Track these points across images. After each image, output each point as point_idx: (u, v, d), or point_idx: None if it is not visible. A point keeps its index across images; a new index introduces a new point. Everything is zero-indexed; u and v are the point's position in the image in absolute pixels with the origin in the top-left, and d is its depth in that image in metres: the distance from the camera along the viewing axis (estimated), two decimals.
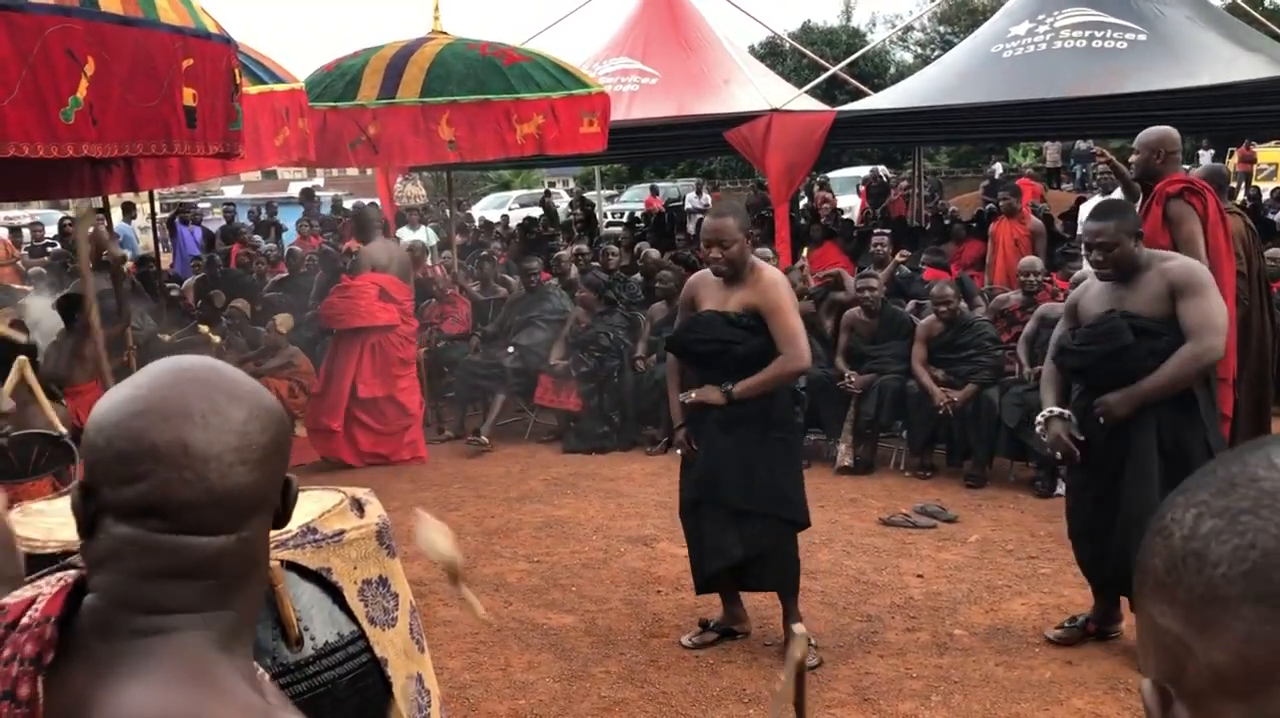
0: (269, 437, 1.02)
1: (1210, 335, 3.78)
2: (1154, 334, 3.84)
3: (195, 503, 0.98)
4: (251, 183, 32.52)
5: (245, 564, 1.03)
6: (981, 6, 33.06)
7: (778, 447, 4.24)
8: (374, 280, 7.42)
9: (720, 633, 4.49)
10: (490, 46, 7.94)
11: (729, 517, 4.26)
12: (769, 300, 4.14)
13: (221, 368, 1.06)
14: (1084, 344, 3.97)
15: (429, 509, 2.14)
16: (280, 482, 1.05)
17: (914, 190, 16.75)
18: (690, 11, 13.87)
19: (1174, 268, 3.91)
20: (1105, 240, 3.86)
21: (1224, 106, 11.04)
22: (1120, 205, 4.28)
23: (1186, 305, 3.81)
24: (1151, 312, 3.86)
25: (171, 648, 0.96)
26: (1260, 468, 0.63)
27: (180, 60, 4.56)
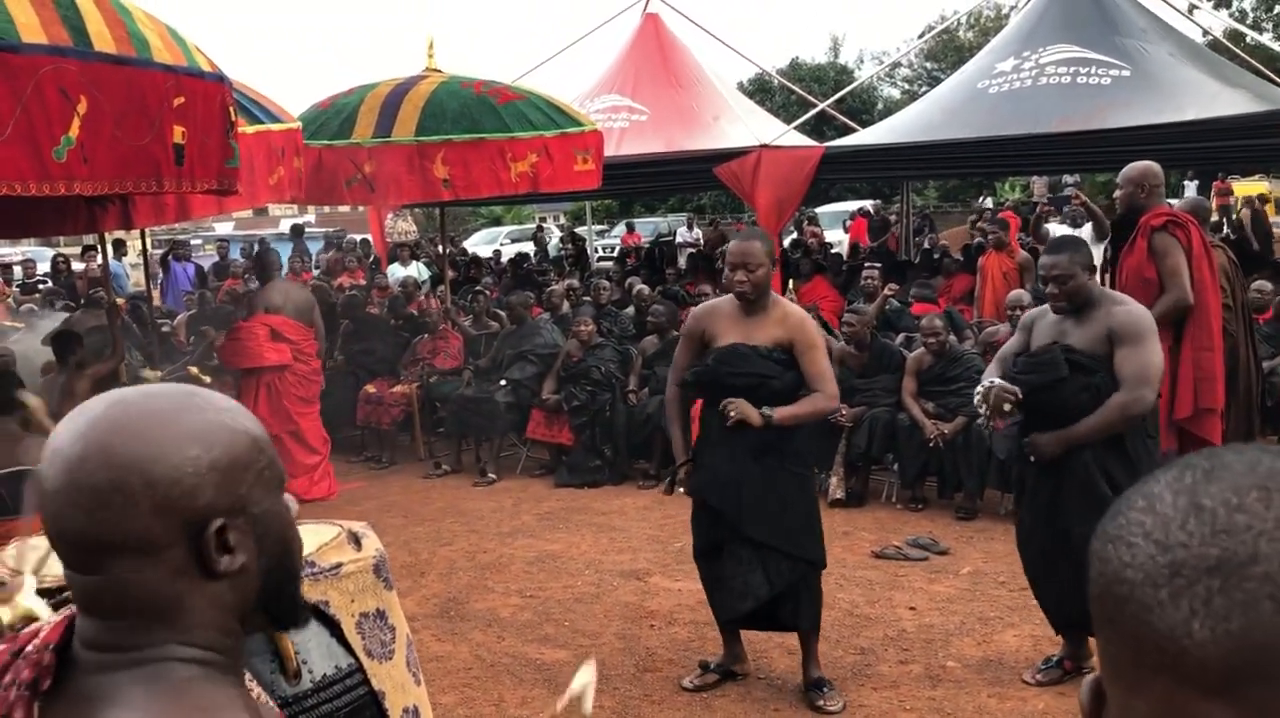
0: (107, 479, 0.97)
1: (1141, 387, 3.84)
2: (1089, 370, 3.92)
3: (53, 538, 1.00)
4: (243, 219, 32.55)
5: (143, 605, 0.99)
6: (968, 43, 33.48)
7: (792, 482, 4.15)
8: (265, 322, 7.50)
9: (721, 674, 4.42)
10: (484, 85, 8.01)
11: (753, 555, 4.12)
12: (805, 337, 4.11)
13: (121, 403, 1.02)
14: (1021, 373, 4.04)
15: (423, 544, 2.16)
16: (170, 524, 0.98)
17: (902, 225, 16.88)
18: (679, 49, 14.02)
19: (1119, 312, 3.96)
20: (1060, 273, 3.95)
21: (1207, 141, 11.15)
22: (1073, 240, 4.35)
23: (1124, 353, 3.87)
24: (1090, 349, 3.93)
25: (135, 681, 0.97)
26: (1138, 496, 0.68)
27: (171, 98, 4.61)
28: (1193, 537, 0.63)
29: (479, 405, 8.25)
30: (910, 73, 39.16)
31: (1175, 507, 0.65)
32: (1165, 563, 0.63)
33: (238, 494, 1.02)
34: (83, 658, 1.00)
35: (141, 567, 0.98)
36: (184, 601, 1.00)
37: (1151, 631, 0.63)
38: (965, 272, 11.37)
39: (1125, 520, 0.67)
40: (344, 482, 8.26)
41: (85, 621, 1.01)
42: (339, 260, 14.87)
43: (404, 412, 8.78)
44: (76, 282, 13.54)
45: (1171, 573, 0.62)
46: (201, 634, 1.01)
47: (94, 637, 1.00)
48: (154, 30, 4.71)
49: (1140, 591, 0.63)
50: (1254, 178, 23.41)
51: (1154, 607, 0.63)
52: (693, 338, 4.31)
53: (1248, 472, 0.64)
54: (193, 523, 0.99)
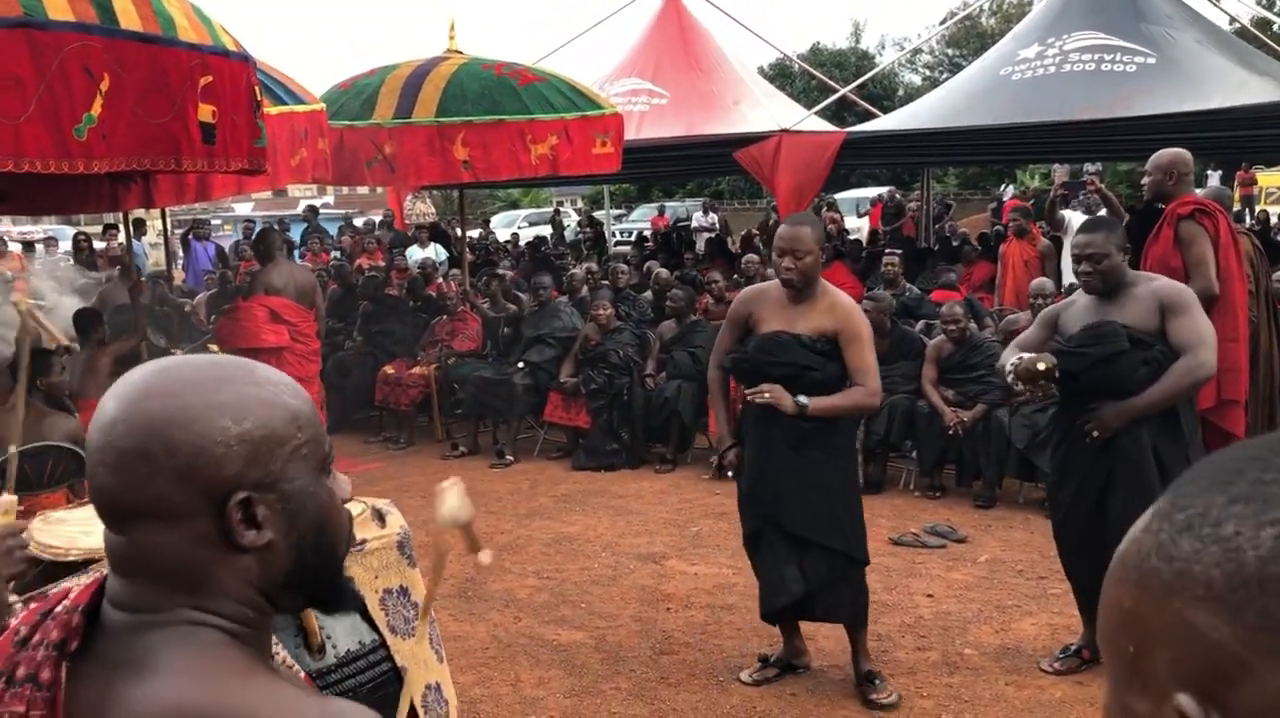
0: (134, 442, 0.98)
1: (1204, 351, 3.78)
2: (1146, 345, 3.83)
3: (91, 497, 1.03)
4: (262, 200, 32.66)
5: (161, 569, 1.00)
6: (990, 29, 33.24)
7: (837, 475, 4.07)
8: (264, 303, 7.48)
9: (781, 668, 4.32)
10: (505, 67, 8.01)
11: (789, 548, 4.05)
12: (850, 328, 3.97)
13: (161, 370, 1.04)
14: (1080, 346, 3.91)
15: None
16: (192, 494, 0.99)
17: (923, 212, 16.81)
18: (700, 33, 13.97)
19: (1163, 286, 3.93)
20: (1095, 252, 3.87)
21: (1232, 130, 11.05)
22: (1108, 220, 4.30)
23: (1178, 322, 3.82)
24: (1142, 324, 3.85)
25: (164, 644, 0.98)
26: None
27: (198, 77, 4.61)
28: None
29: (497, 387, 8.27)
30: (932, 59, 38.93)
31: None
32: None
33: (268, 469, 1.01)
34: (112, 620, 1.00)
35: (162, 532, 0.99)
36: (208, 570, 1.01)
37: None
38: (986, 259, 11.32)
39: None
40: (362, 462, 8.31)
41: (115, 580, 1.02)
42: (358, 242, 14.91)
43: (422, 393, 8.80)
44: (98, 260, 13.61)
45: None
46: (227, 604, 1.01)
47: (122, 597, 1.01)
48: (179, 9, 4.71)
49: None
50: (1278, 168, 23.20)
51: None
52: (736, 322, 4.20)
53: None
54: (215, 494, 0.99)
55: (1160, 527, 0.65)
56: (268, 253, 7.81)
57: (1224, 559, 0.61)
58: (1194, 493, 0.65)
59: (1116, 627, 0.67)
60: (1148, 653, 0.65)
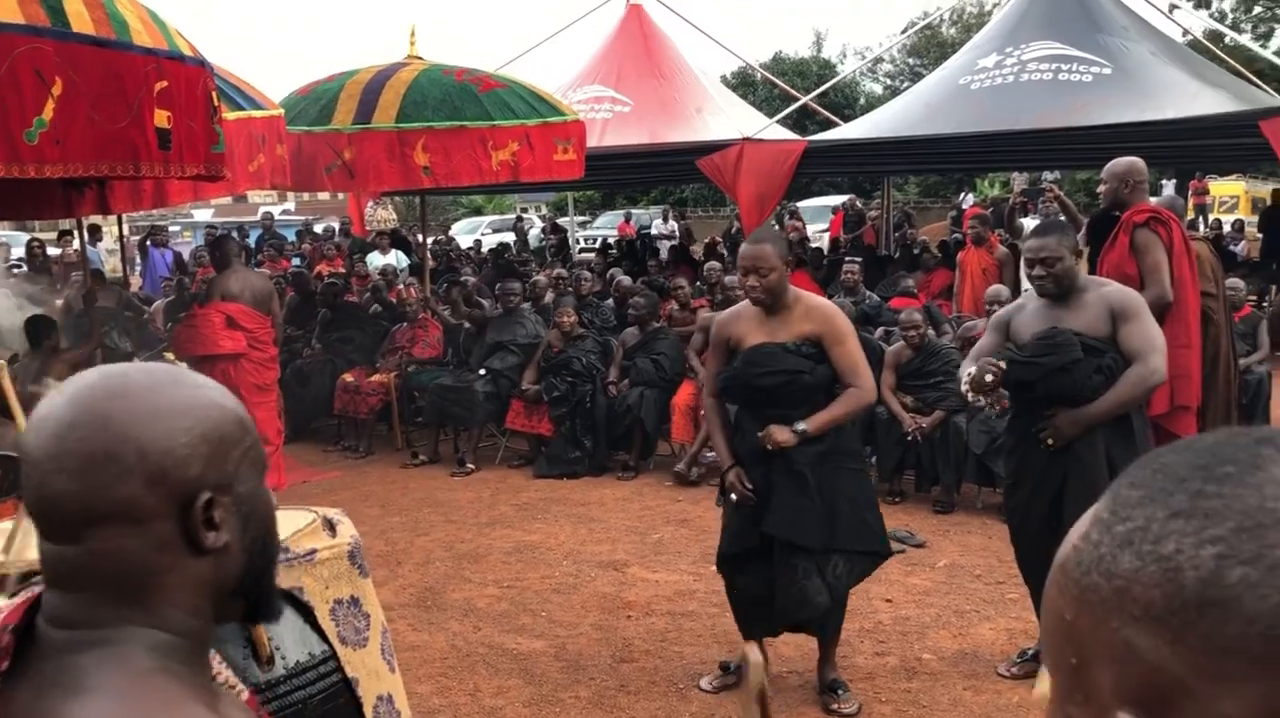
0: (99, 445, 0.96)
1: (1155, 357, 3.82)
2: (1099, 351, 3.85)
3: (34, 507, 0.99)
4: (223, 206, 32.38)
5: (116, 579, 0.98)
6: (950, 39, 33.59)
7: (853, 478, 4.06)
8: (221, 309, 7.42)
9: (740, 676, 4.36)
10: (466, 73, 7.98)
11: (809, 562, 3.97)
12: (834, 329, 3.95)
13: (117, 374, 1.02)
14: (1035, 356, 3.91)
15: (400, 534, 2.16)
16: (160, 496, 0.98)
17: (883, 220, 16.93)
18: (663, 41, 14.02)
19: (1113, 291, 3.97)
20: (1049, 255, 3.89)
21: (1186, 139, 11.24)
22: (1060, 224, 4.32)
23: (1129, 328, 3.85)
24: (1093, 331, 3.88)
25: (100, 665, 0.95)
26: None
27: (153, 82, 4.56)
28: None
29: (458, 395, 8.23)
30: (893, 68, 39.29)
31: None
32: None
33: (225, 470, 1.02)
34: (48, 638, 0.98)
35: (126, 536, 0.97)
36: (164, 576, 0.99)
37: None
38: (944, 267, 11.41)
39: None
40: (320, 471, 8.24)
41: (54, 595, 0.99)
42: (318, 248, 14.81)
43: (382, 401, 8.74)
44: (53, 266, 13.42)
45: None
46: (172, 615, 1.00)
47: (62, 612, 0.98)
48: (134, 13, 4.66)
49: None
50: (1231, 178, 23.61)
51: None
52: (720, 346, 4.17)
53: None
54: (182, 495, 0.99)
55: (1100, 538, 0.63)
56: (224, 260, 7.73)
57: (1163, 580, 0.59)
58: (1134, 503, 0.63)
59: (1059, 637, 0.65)
60: (1090, 667, 0.63)
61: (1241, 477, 0.60)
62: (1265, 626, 0.56)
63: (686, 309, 8.79)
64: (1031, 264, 3.98)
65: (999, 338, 4.12)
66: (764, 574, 4.06)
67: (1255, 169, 23.01)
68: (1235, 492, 0.59)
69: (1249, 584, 0.56)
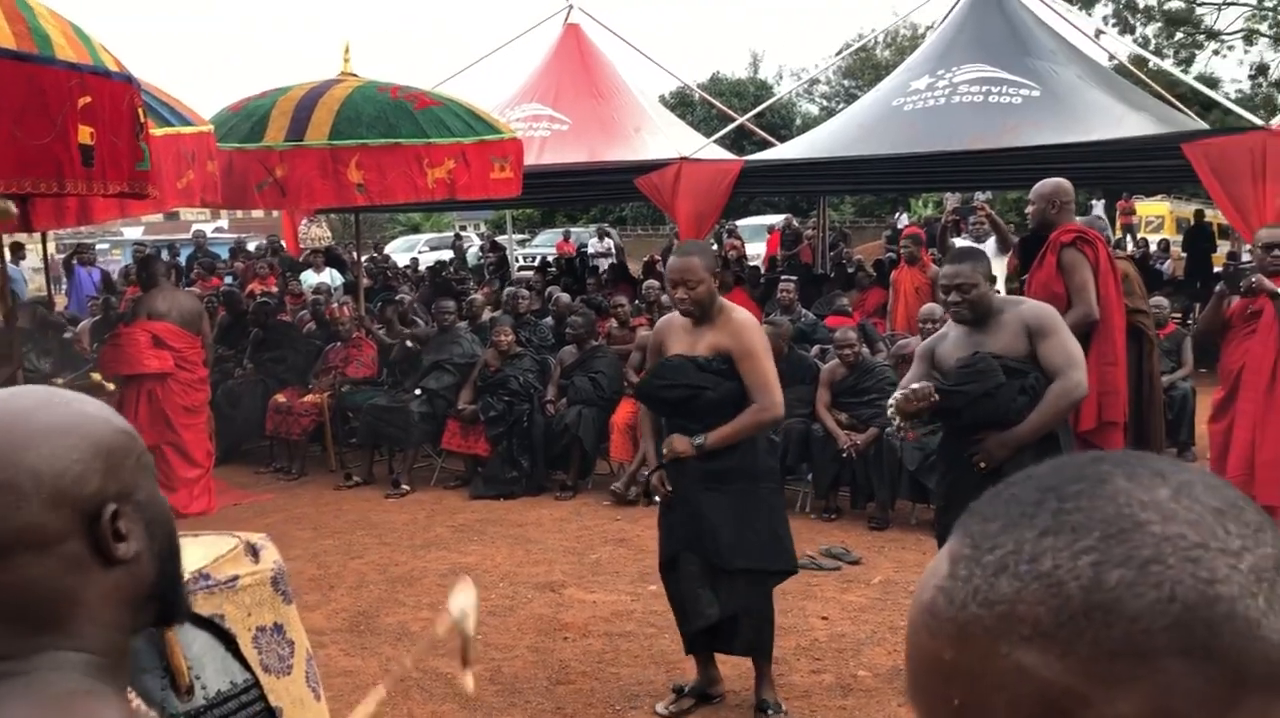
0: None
1: (1075, 371, 3.89)
2: (1021, 373, 3.92)
3: None
4: (153, 224, 31.82)
5: (33, 606, 0.95)
6: (884, 61, 34.11)
7: (768, 497, 4.10)
8: (147, 328, 7.31)
9: (696, 698, 4.27)
10: (401, 90, 7.91)
11: (704, 575, 4.05)
12: (741, 344, 3.98)
13: (22, 397, 1.01)
14: (959, 384, 3.96)
15: (333, 557, 2.13)
16: (62, 516, 0.96)
17: (819, 239, 17.10)
18: (601, 60, 14.05)
19: (1028, 310, 4.04)
20: (963, 282, 3.95)
21: (1113, 161, 11.51)
22: (974, 251, 4.40)
23: (1047, 344, 3.92)
24: (1013, 352, 3.94)
25: (9, 697, 0.92)
26: (1136, 508, 0.61)
27: (77, 98, 4.47)
28: (1246, 538, 0.60)
29: (392, 415, 8.14)
30: (828, 89, 39.80)
31: (1196, 512, 0.61)
32: (1246, 569, 0.59)
33: (124, 480, 1.01)
34: None
35: (34, 563, 0.95)
36: (79, 595, 0.97)
37: (1264, 644, 0.58)
38: (879, 286, 11.54)
39: (1152, 537, 0.60)
40: (252, 493, 8.09)
41: None
42: (250, 267, 14.59)
43: (315, 422, 8.61)
44: None
45: (1256, 579, 0.59)
46: (92, 633, 0.97)
47: None
48: (57, 27, 4.57)
49: (1241, 604, 0.58)
50: (1156, 198, 24.20)
51: (1260, 618, 0.59)
52: (654, 350, 4.24)
53: (1182, 468, 0.63)
54: (85, 512, 0.97)
55: (970, 572, 0.63)
56: (151, 279, 7.60)
57: (1047, 595, 0.61)
58: (996, 532, 0.64)
59: (937, 681, 0.64)
60: (979, 703, 0.63)
61: (1093, 491, 0.63)
62: (1146, 623, 0.59)
63: (626, 327, 8.78)
64: (946, 291, 4.03)
65: (925, 367, 4.17)
66: None
67: (1179, 190, 23.63)
68: (1092, 504, 0.62)
69: (1126, 584, 0.59)
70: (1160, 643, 0.59)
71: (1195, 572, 0.59)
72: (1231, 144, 8.13)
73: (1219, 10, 25.67)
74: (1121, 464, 0.65)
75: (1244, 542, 0.60)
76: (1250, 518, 0.62)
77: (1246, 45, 26.32)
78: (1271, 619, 0.59)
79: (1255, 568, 0.60)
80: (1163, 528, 0.60)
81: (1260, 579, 0.59)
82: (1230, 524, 0.61)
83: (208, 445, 7.66)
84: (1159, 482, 0.63)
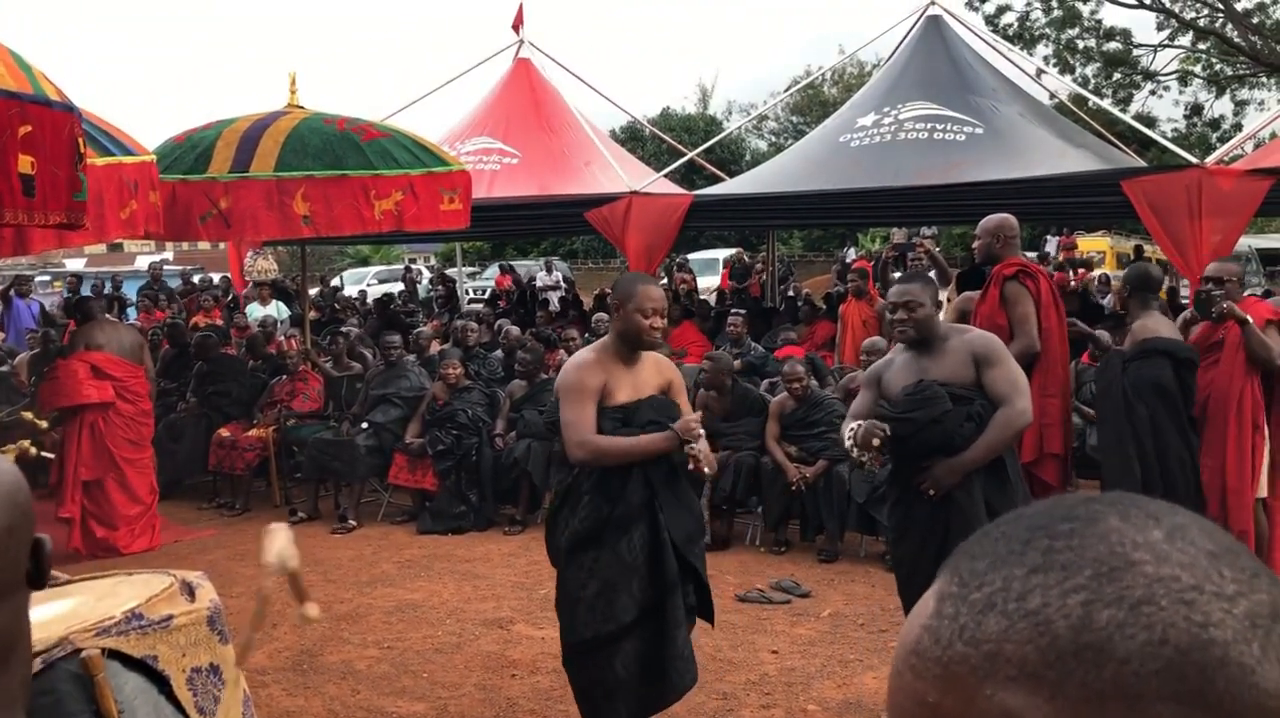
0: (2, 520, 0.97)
1: (1020, 399, 3.94)
2: (966, 399, 3.96)
3: None
4: (96, 256, 31.36)
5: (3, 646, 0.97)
6: (832, 98, 34.60)
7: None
8: (85, 359, 7.21)
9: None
10: (348, 122, 7.87)
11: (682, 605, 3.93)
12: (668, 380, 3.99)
13: None
14: (906, 411, 3.99)
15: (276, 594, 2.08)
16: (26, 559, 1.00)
17: (768, 272, 17.21)
18: (551, 94, 14.10)
19: (974, 338, 4.10)
20: (910, 300, 3.99)
21: (1054, 197, 11.71)
22: (922, 274, 4.47)
23: (992, 373, 3.97)
24: (958, 379, 3.99)
25: None
26: (1129, 548, 0.60)
27: (17, 127, 4.39)
28: (1241, 583, 0.59)
29: (338, 449, 8.03)
30: (777, 125, 40.29)
31: (1191, 555, 0.60)
32: (1241, 615, 0.58)
33: (31, 512, 1.03)
34: None
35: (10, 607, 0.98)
36: (21, 635, 0.99)
37: (1256, 692, 0.57)
38: (827, 319, 11.63)
39: (1144, 577, 0.59)
40: (194, 529, 7.93)
41: None
42: (194, 299, 14.40)
43: (259, 456, 8.47)
44: None
45: (1251, 625, 0.58)
46: (20, 674, 0.98)
47: None
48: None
49: (1235, 650, 0.57)
50: (1098, 234, 24.67)
51: (1254, 665, 0.57)
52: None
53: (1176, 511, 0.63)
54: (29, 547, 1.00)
55: (957, 610, 0.62)
56: (87, 314, 7.47)
57: (1035, 634, 0.59)
58: (984, 570, 0.62)
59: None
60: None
61: (1084, 530, 0.61)
62: (1136, 665, 0.57)
63: None
64: (894, 309, 4.07)
65: (872, 393, 4.19)
66: None
67: (1120, 225, 24.11)
68: (1083, 543, 0.61)
69: (1117, 625, 0.58)
70: (1151, 687, 0.57)
71: (1189, 614, 0.57)
72: (1168, 181, 8.31)
73: (1155, 52, 26.34)
74: (1114, 504, 0.63)
75: (1239, 587, 0.59)
76: (1246, 563, 0.60)
77: (1181, 86, 27.03)
78: (1266, 668, 0.57)
79: (1250, 614, 0.58)
80: (1156, 569, 0.59)
81: (1255, 626, 0.58)
82: (1225, 569, 0.59)
83: (152, 481, 7.51)
84: (1153, 523, 0.61)
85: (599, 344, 3.94)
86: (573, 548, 3.78)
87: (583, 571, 3.76)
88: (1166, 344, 5.60)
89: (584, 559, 3.76)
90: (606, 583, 3.73)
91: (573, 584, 3.80)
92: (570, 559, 3.80)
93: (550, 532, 3.95)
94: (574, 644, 3.81)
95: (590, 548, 3.76)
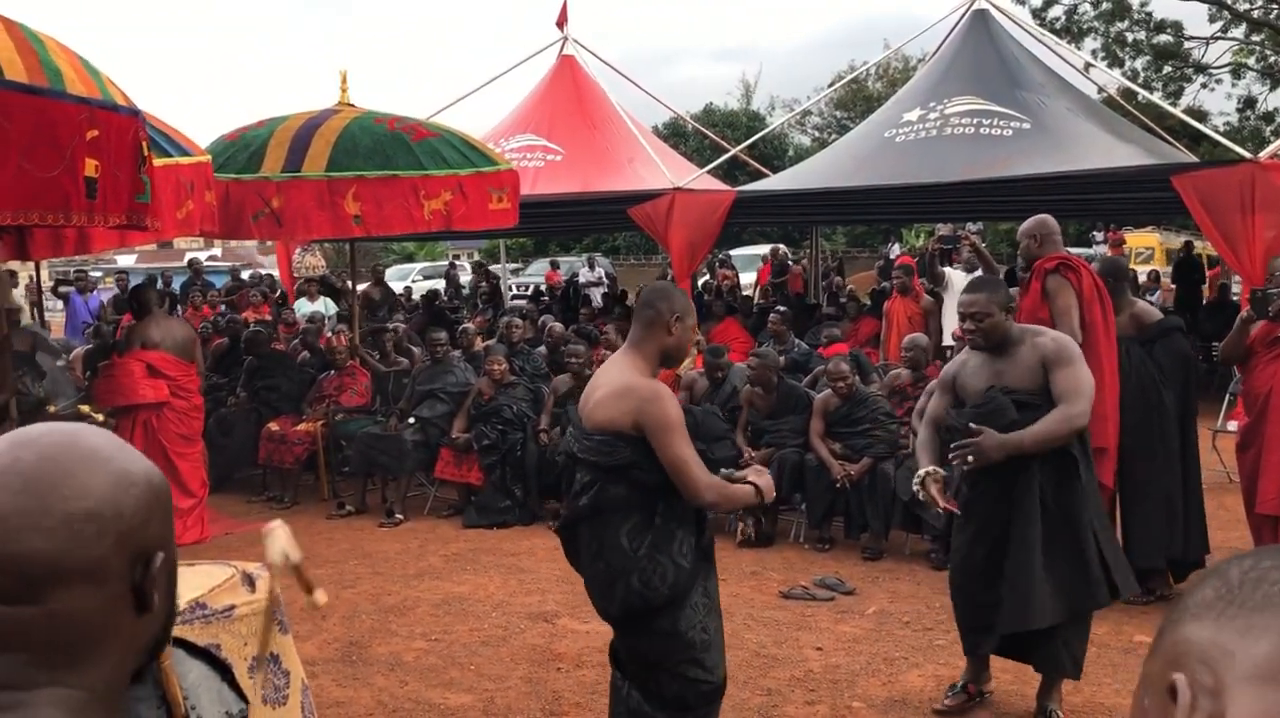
0: (82, 507, 0.96)
1: (1079, 401, 3.97)
2: (1034, 407, 4.00)
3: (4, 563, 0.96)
4: (146, 253, 31.85)
5: (66, 640, 0.96)
6: (876, 93, 34.34)
7: None
8: (141, 357, 7.30)
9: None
10: (398, 121, 7.96)
11: None
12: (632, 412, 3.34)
13: (74, 434, 1.02)
14: (973, 424, 4.06)
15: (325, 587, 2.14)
16: (124, 556, 0.98)
17: (812, 269, 17.16)
18: (595, 91, 14.16)
19: (1045, 342, 4.12)
20: (977, 311, 4.06)
21: (1102, 193, 11.60)
22: (992, 280, 4.47)
23: (1057, 375, 4.01)
24: (1028, 385, 4.04)
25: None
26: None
27: (85, 131, 4.50)
28: None
29: (386, 444, 8.13)
30: (821, 121, 40.05)
31: None
32: None
33: (167, 530, 1.04)
34: None
35: (87, 597, 0.97)
36: (109, 637, 0.99)
37: None
38: (872, 315, 11.59)
39: None
40: (244, 522, 8.06)
41: None
42: (244, 295, 14.62)
43: (308, 450, 8.60)
44: None
45: None
46: (100, 676, 0.98)
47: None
48: (67, 61, 4.61)
49: None
50: (1146, 229, 24.34)
51: None
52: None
53: None
54: (138, 555, 1.00)
55: None
56: (143, 308, 7.59)
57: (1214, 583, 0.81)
58: None
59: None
60: (1159, 669, 0.81)
61: None
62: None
63: None
64: (963, 318, 4.14)
65: (947, 398, 4.28)
66: None
67: (1169, 221, 23.77)
68: None
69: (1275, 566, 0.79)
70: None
71: None
72: (1220, 176, 8.21)
73: (1207, 44, 25.89)
74: None
75: None
76: None
77: (1234, 79, 26.51)
78: None
79: None
80: None
81: None
82: None
83: (203, 475, 7.65)
84: None
85: (641, 364, 3.42)
86: (689, 588, 3.31)
87: (699, 612, 3.32)
88: (1175, 320, 5.99)
89: (694, 597, 3.31)
90: (717, 615, 3.42)
91: (693, 628, 3.31)
92: (685, 601, 3.30)
93: (645, 579, 3.27)
94: (719, 687, 3.42)
95: (698, 582, 3.34)
